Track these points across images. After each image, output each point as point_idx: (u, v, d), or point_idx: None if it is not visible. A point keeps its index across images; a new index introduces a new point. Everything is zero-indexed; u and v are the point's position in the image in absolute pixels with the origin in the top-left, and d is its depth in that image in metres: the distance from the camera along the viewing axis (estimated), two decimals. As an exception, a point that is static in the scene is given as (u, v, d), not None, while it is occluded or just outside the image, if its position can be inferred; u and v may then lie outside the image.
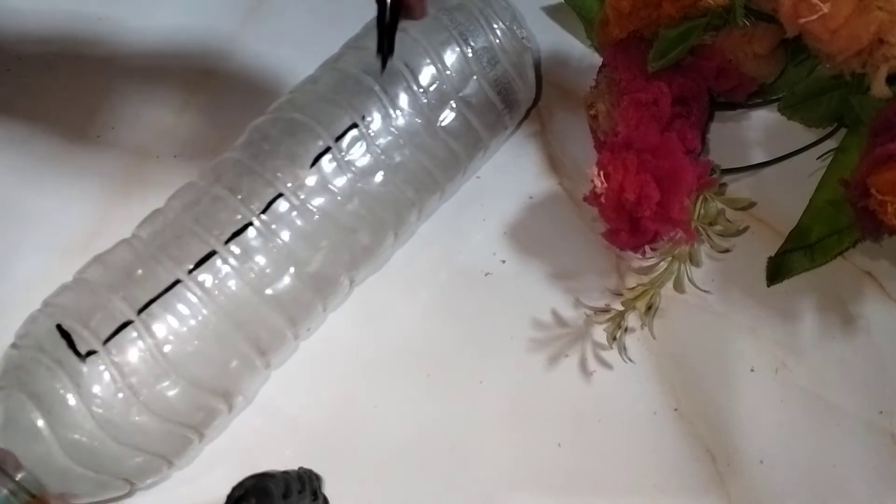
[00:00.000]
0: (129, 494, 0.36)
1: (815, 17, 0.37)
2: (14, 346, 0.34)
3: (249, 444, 0.39)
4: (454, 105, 0.40)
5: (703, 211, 0.41)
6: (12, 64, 0.50)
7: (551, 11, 0.51)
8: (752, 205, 0.44)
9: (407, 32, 0.40)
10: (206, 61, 0.50)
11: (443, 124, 0.40)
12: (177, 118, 0.48)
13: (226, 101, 0.48)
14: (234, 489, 0.34)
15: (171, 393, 0.34)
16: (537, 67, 0.45)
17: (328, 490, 0.37)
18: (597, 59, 0.47)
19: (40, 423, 0.32)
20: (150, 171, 0.46)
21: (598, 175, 0.39)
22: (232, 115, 0.47)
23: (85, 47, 0.50)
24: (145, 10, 0.52)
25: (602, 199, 0.39)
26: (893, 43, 0.37)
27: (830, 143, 0.44)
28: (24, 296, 0.36)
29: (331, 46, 0.44)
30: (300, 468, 0.36)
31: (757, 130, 0.47)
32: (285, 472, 0.35)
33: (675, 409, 0.39)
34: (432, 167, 0.40)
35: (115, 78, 0.49)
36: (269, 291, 0.36)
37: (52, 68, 0.50)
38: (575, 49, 0.50)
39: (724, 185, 0.45)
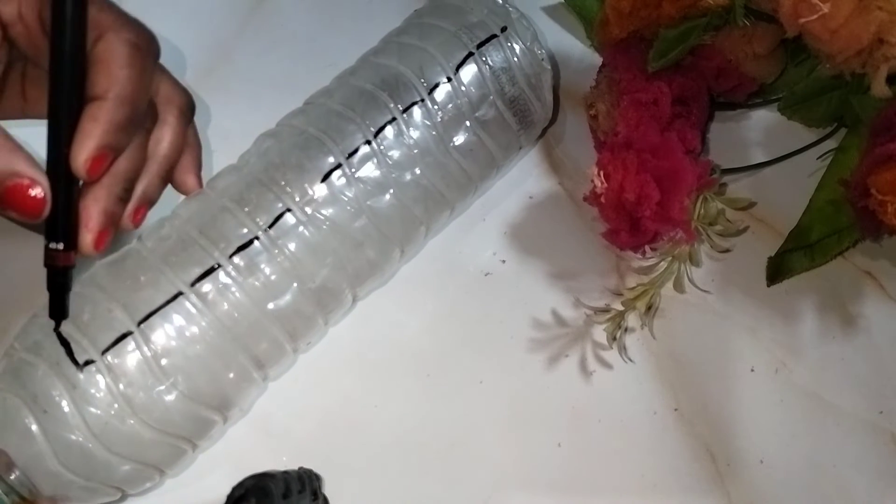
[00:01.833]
0: (122, 499, 0.36)
1: (815, 17, 0.37)
2: (12, 348, 0.34)
3: (249, 443, 0.39)
4: (469, 124, 0.40)
5: (703, 211, 0.41)
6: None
7: (551, 11, 0.51)
8: (752, 205, 0.44)
9: (424, 49, 0.40)
10: (207, 61, 0.50)
11: (456, 143, 0.39)
12: (177, 118, 0.48)
13: (226, 101, 0.48)
14: (234, 489, 0.34)
15: (166, 404, 0.34)
16: (555, 89, 0.45)
17: (328, 490, 0.37)
18: (597, 59, 0.46)
19: (34, 427, 0.32)
20: (150, 172, 0.46)
21: (598, 175, 0.39)
22: (232, 115, 0.47)
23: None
24: (145, 10, 0.52)
25: (602, 199, 0.39)
26: (893, 43, 0.37)
27: (830, 143, 0.44)
28: (24, 297, 0.36)
29: (331, 48, 0.44)
30: (300, 468, 0.36)
31: (757, 130, 0.47)
32: (285, 472, 0.35)
33: (675, 409, 0.39)
34: (443, 186, 0.40)
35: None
36: (270, 306, 0.36)
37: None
38: (575, 49, 0.50)
39: (724, 185, 0.45)
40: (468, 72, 0.40)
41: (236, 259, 0.35)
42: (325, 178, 0.37)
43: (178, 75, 0.49)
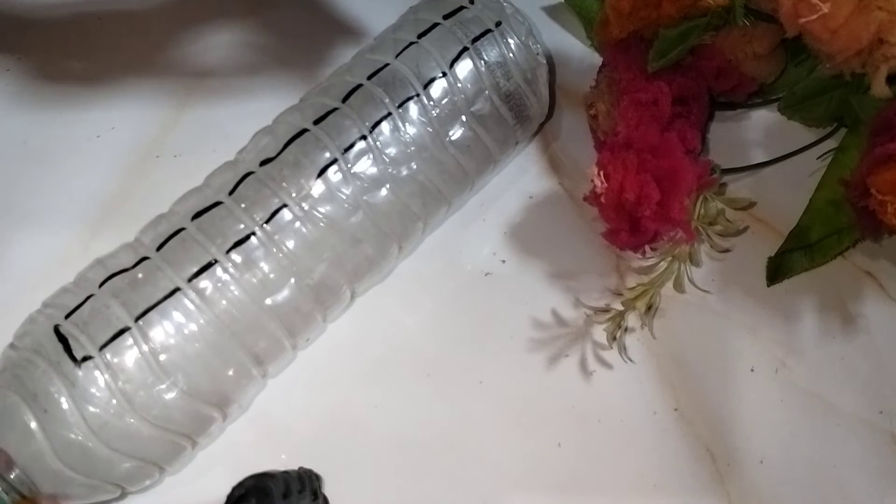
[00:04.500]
0: (122, 497, 0.36)
1: (815, 17, 0.37)
2: (12, 346, 0.35)
3: (249, 443, 0.39)
4: (464, 119, 0.40)
5: (703, 211, 0.41)
6: (12, 64, 0.50)
7: (551, 11, 0.51)
8: (752, 205, 0.44)
9: (419, 44, 0.40)
10: (207, 60, 0.50)
11: (452, 138, 0.39)
12: (177, 118, 0.48)
13: (226, 101, 0.48)
14: (234, 489, 0.34)
15: (165, 401, 0.34)
16: (551, 84, 0.45)
17: (328, 490, 0.37)
18: (597, 59, 0.47)
19: (33, 424, 0.32)
20: (150, 171, 0.46)
21: (598, 175, 0.39)
22: (232, 114, 0.47)
23: (85, 46, 0.50)
24: (146, 9, 0.52)
25: (602, 199, 0.39)
26: (893, 43, 0.37)
27: (830, 143, 0.44)
28: (24, 296, 0.36)
29: (331, 47, 0.44)
30: (300, 468, 0.36)
31: (757, 130, 0.47)
32: (285, 472, 0.35)
33: (675, 409, 0.39)
34: (440, 181, 0.40)
35: (115, 77, 0.49)
36: (268, 302, 0.36)
37: (51, 68, 0.50)
38: (575, 49, 0.50)
39: (724, 185, 0.45)
40: (463, 67, 0.40)
41: (233, 255, 0.35)
42: (322, 173, 0.37)
43: (179, 74, 0.49)
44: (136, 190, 0.45)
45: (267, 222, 0.36)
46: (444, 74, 0.39)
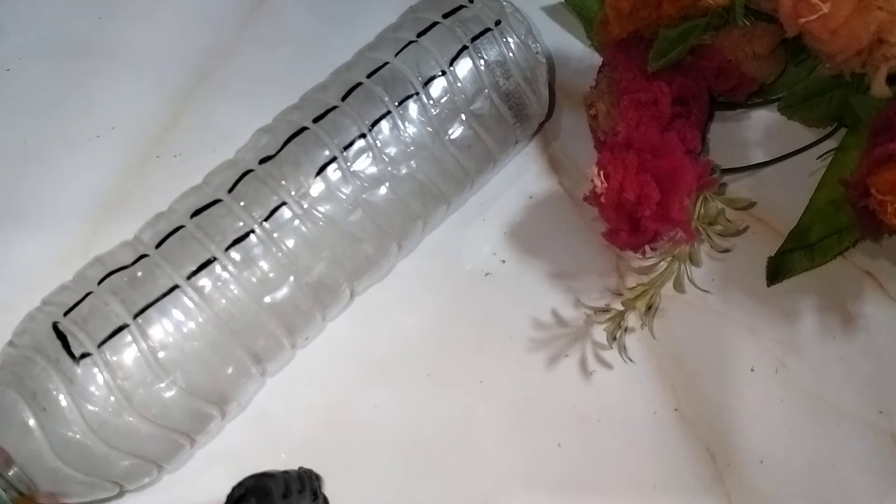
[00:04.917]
0: (121, 495, 0.36)
1: (815, 17, 0.37)
2: (11, 343, 0.35)
3: (249, 444, 0.39)
4: (464, 118, 0.40)
5: (703, 211, 0.41)
6: (12, 64, 0.50)
7: (551, 11, 0.51)
8: (752, 205, 0.44)
9: (419, 43, 0.40)
10: (207, 61, 0.50)
11: (452, 137, 0.40)
12: (177, 118, 0.48)
13: (226, 101, 0.48)
14: (234, 489, 0.34)
15: (163, 398, 0.34)
16: (551, 83, 0.45)
17: (328, 490, 0.37)
18: (597, 59, 0.47)
19: (31, 422, 0.32)
20: (150, 171, 0.46)
21: (598, 175, 0.39)
22: (232, 114, 0.47)
23: (85, 46, 0.50)
24: (145, 9, 0.52)
25: (602, 199, 0.39)
26: (893, 43, 0.37)
27: (830, 143, 0.44)
28: (23, 295, 0.36)
29: (330, 47, 0.44)
30: (300, 468, 0.36)
31: (757, 130, 0.47)
32: (285, 472, 0.35)
33: (675, 409, 0.39)
34: (439, 180, 0.40)
35: (116, 77, 0.49)
36: (267, 300, 0.36)
37: (51, 68, 0.50)
38: (575, 49, 0.50)
39: (724, 185, 0.45)
40: (463, 65, 0.40)
41: (232, 253, 0.35)
42: (321, 171, 0.37)
43: (179, 75, 0.49)
44: (136, 190, 0.45)
45: (266, 220, 0.36)
46: (444, 73, 0.39)
